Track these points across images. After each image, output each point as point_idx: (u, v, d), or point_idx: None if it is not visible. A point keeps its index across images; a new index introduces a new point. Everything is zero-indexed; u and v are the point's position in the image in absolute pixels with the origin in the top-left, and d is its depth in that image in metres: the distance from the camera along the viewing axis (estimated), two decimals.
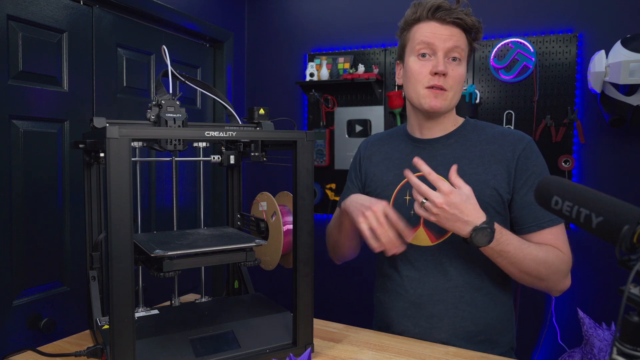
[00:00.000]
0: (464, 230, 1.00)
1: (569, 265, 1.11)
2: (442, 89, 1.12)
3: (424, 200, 0.99)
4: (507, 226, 1.17)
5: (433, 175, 0.99)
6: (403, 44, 1.20)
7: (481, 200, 1.12)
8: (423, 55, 1.14)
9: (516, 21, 2.44)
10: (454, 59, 1.12)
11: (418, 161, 1.03)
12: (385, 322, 1.26)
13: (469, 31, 1.14)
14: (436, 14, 1.12)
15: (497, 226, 1.02)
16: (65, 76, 1.94)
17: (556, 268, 1.08)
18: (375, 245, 1.05)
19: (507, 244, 1.04)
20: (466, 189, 1.00)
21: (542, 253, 1.07)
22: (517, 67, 2.41)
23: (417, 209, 1.01)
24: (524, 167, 1.12)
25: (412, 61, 1.16)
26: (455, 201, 0.98)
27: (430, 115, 1.18)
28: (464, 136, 1.20)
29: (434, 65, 1.11)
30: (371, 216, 1.05)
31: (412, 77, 1.16)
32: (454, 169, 1.03)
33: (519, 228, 1.15)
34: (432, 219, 1.00)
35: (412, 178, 1.01)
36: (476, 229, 0.99)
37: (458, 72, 1.13)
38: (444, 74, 1.11)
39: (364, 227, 1.06)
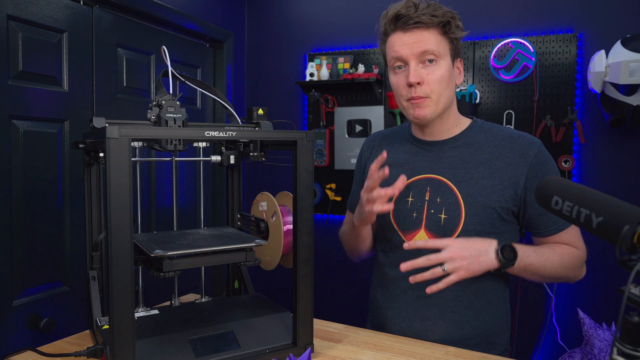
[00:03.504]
0: (491, 258, 1.01)
1: (584, 258, 1.16)
2: (421, 97, 1.11)
3: (443, 268, 0.98)
4: (511, 231, 1.16)
5: (430, 242, 1.02)
6: (384, 57, 1.21)
7: (487, 205, 1.11)
8: (399, 67, 1.13)
9: (516, 21, 2.44)
10: (430, 60, 1.10)
11: (411, 244, 1.03)
12: (381, 321, 1.26)
13: (438, 27, 1.10)
14: (397, 23, 1.10)
15: (514, 244, 1.05)
16: (65, 76, 1.94)
17: (572, 265, 1.13)
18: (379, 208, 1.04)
19: (527, 257, 1.06)
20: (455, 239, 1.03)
21: (557, 255, 1.11)
22: (517, 67, 2.41)
23: (444, 281, 0.99)
24: (539, 173, 1.11)
25: (391, 76, 1.16)
26: (461, 245, 1.00)
27: (422, 123, 1.18)
28: (471, 138, 1.18)
29: (406, 77, 1.11)
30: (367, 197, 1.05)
31: (394, 91, 1.17)
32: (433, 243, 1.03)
33: (537, 232, 1.15)
34: (462, 273, 0.99)
35: (416, 262, 1.00)
36: (499, 251, 1.01)
37: (436, 74, 1.10)
38: (419, 83, 1.09)
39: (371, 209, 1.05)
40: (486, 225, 1.12)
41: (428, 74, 1.10)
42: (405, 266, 1.00)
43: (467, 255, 1.00)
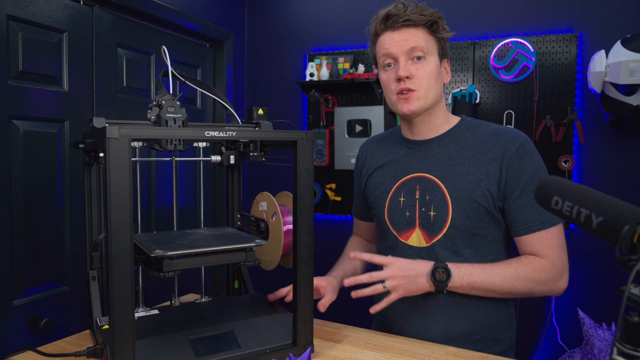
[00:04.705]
0: (425, 281, 1.07)
1: (554, 272, 1.10)
2: (410, 90, 1.14)
3: (384, 285, 1.07)
4: (500, 226, 1.17)
5: (375, 258, 1.11)
6: (374, 59, 1.25)
7: (473, 200, 1.13)
8: (388, 65, 1.17)
9: (516, 21, 2.44)
10: (419, 58, 1.14)
11: (357, 256, 1.12)
12: (383, 321, 1.28)
13: (426, 26, 1.14)
14: (387, 23, 1.15)
15: (452, 264, 1.09)
16: (65, 76, 1.94)
17: (534, 279, 1.09)
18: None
19: (469, 275, 1.08)
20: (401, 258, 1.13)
21: (510, 270, 1.09)
22: (517, 67, 2.41)
23: (386, 300, 1.09)
24: (517, 168, 1.11)
25: (381, 74, 1.20)
26: (402, 265, 1.08)
27: (411, 117, 1.20)
28: (458, 136, 1.20)
29: (396, 72, 1.14)
30: None
31: (383, 88, 1.20)
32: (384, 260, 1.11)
33: (511, 230, 1.15)
34: (401, 292, 1.08)
35: (359, 278, 1.09)
36: (432, 272, 1.06)
37: (424, 69, 1.14)
38: (408, 77, 1.13)
39: None
40: (474, 221, 1.13)
41: (417, 69, 1.14)
42: (348, 282, 1.09)
43: (406, 275, 1.07)
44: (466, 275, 1.08)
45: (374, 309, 1.10)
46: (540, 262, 1.10)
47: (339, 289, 1.30)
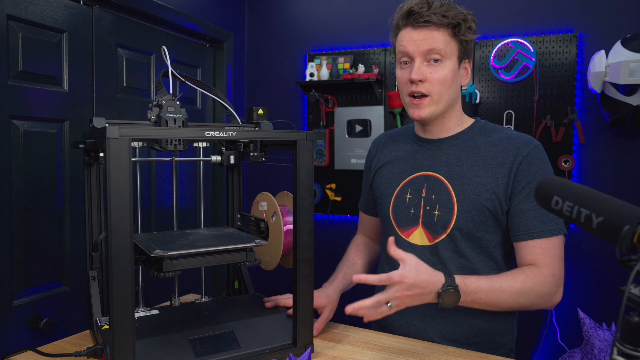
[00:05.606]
0: (431, 298, 0.99)
1: (554, 284, 1.08)
2: (423, 95, 1.12)
3: (389, 305, 0.97)
4: (503, 231, 1.15)
5: (383, 277, 0.96)
6: (394, 50, 1.22)
7: (479, 203, 1.12)
8: (405, 63, 1.14)
9: (516, 21, 2.44)
10: (436, 60, 1.10)
11: (355, 279, 0.99)
12: (383, 321, 1.27)
13: (448, 28, 1.10)
14: (409, 19, 1.11)
15: (460, 278, 1.01)
16: (65, 76, 1.94)
17: (537, 293, 1.06)
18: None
19: (476, 293, 1.02)
20: (411, 260, 0.97)
21: (517, 284, 1.05)
22: (517, 67, 2.41)
23: (387, 311, 0.97)
24: (525, 173, 1.10)
25: (397, 69, 1.18)
26: (410, 282, 0.95)
27: (422, 123, 1.19)
28: (470, 138, 1.19)
29: (410, 72, 1.12)
30: None
31: (398, 84, 1.19)
32: (391, 245, 1.00)
33: (510, 235, 1.13)
34: (403, 307, 0.98)
35: (364, 303, 0.96)
36: (440, 294, 0.97)
37: (439, 74, 1.10)
38: (421, 80, 1.10)
39: None
40: (478, 223, 1.12)
41: (432, 72, 1.11)
42: (351, 309, 0.96)
43: (412, 294, 0.97)
44: (472, 292, 1.03)
45: (369, 319, 0.99)
46: (542, 273, 1.07)
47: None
